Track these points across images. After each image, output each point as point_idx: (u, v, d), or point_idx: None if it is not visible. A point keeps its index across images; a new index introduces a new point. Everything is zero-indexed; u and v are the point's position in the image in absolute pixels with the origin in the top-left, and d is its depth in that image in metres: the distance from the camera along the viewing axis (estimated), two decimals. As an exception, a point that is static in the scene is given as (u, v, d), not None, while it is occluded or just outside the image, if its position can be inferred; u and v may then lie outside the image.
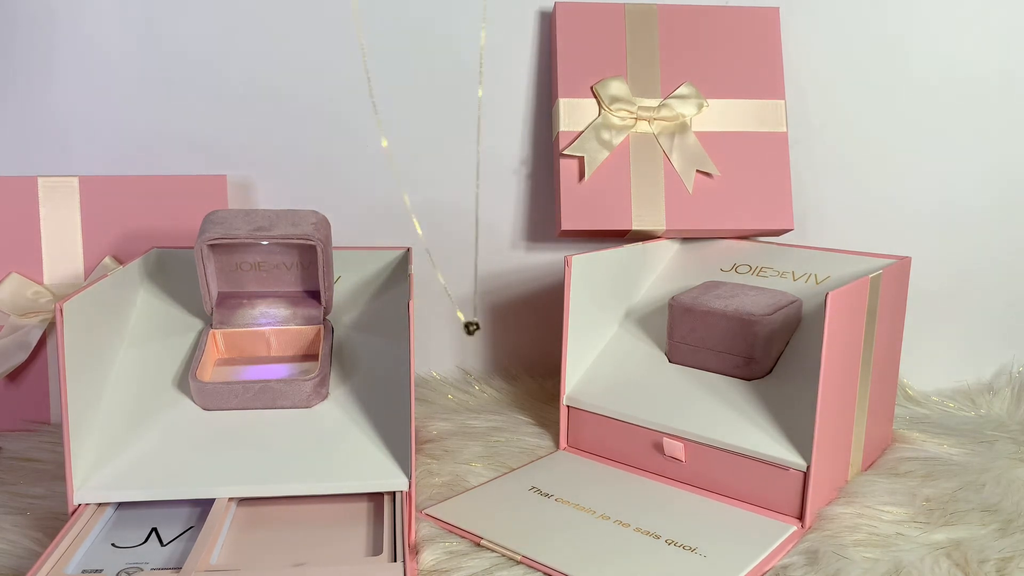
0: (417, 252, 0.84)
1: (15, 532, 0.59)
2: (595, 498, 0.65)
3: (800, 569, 0.55)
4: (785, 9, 0.87)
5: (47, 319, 0.78)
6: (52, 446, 0.73)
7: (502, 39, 0.89)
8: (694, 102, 0.83)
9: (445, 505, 0.64)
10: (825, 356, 0.59)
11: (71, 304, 0.54)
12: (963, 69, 0.88)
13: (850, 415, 0.66)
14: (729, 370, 0.70)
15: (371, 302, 0.73)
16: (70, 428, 0.54)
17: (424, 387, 0.89)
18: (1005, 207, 0.90)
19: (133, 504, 0.57)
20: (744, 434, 0.64)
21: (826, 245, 0.82)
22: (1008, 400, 0.86)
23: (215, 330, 0.67)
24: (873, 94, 0.89)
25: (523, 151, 0.91)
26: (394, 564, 0.51)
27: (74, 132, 0.87)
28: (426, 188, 0.91)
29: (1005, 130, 0.89)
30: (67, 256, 0.80)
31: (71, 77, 0.86)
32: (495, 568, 0.56)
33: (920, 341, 0.85)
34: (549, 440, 0.77)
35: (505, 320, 0.94)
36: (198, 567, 0.49)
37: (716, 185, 0.83)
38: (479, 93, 0.90)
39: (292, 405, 0.62)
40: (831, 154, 0.90)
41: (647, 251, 0.82)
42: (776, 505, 0.63)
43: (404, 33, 0.88)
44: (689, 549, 0.58)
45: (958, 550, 0.57)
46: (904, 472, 0.69)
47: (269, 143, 0.89)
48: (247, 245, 0.66)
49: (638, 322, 0.79)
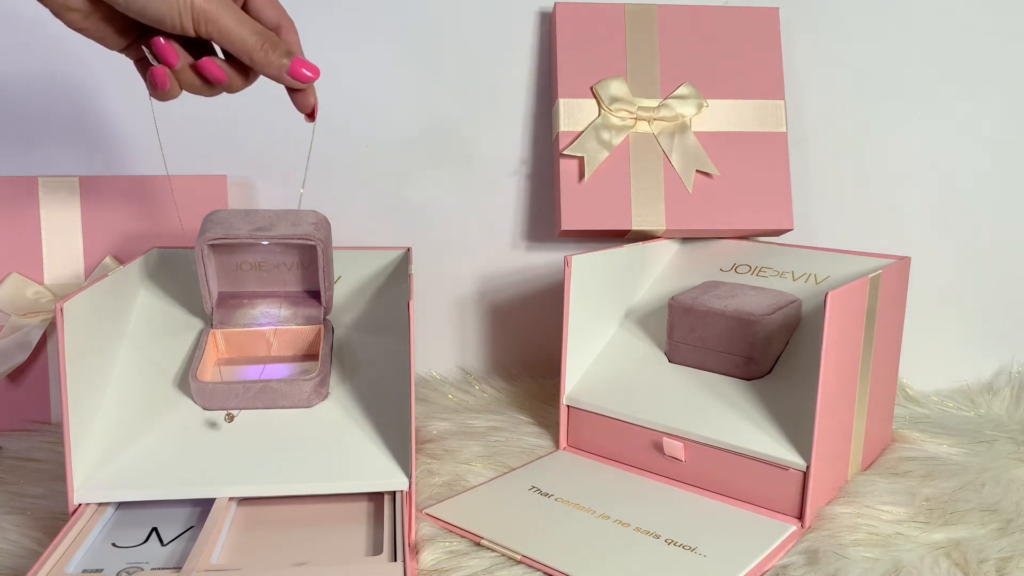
0: (417, 252, 0.84)
1: (15, 532, 0.59)
2: (595, 498, 0.65)
3: (800, 569, 0.55)
4: (785, 9, 0.87)
5: (47, 319, 0.78)
6: (52, 446, 0.73)
7: (502, 39, 0.89)
8: (694, 102, 0.83)
9: (445, 505, 0.64)
10: (825, 356, 0.59)
11: (71, 304, 0.54)
12: (963, 69, 0.88)
13: (850, 415, 0.66)
14: (729, 370, 0.70)
15: (371, 302, 0.73)
16: (70, 428, 0.54)
17: (424, 387, 0.89)
18: (1005, 207, 0.90)
19: (133, 504, 0.57)
20: (744, 434, 0.64)
21: (826, 245, 0.82)
22: (1008, 400, 0.86)
23: (215, 330, 0.67)
24: (873, 94, 0.90)
25: (523, 151, 0.91)
26: (394, 564, 0.51)
27: (74, 132, 0.87)
28: (426, 188, 0.91)
29: (1005, 130, 0.89)
30: (67, 256, 0.80)
31: (71, 77, 0.86)
32: (495, 568, 0.56)
33: (920, 341, 0.85)
34: (549, 440, 0.77)
35: (505, 320, 0.94)
36: (198, 567, 0.49)
37: (716, 185, 0.83)
38: (479, 93, 0.90)
39: (292, 405, 0.62)
40: (831, 154, 0.91)
41: (647, 251, 0.82)
42: (776, 505, 0.63)
43: (404, 33, 0.88)
44: (689, 549, 0.58)
45: (958, 550, 0.57)
46: (904, 472, 0.69)
47: (269, 143, 0.89)
48: (247, 245, 0.66)
49: (638, 322, 0.79)
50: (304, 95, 0.59)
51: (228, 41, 0.53)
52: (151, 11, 0.51)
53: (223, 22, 0.52)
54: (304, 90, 0.58)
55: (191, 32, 0.52)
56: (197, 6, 0.51)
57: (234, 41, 0.53)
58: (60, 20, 0.52)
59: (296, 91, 0.58)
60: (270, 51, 0.54)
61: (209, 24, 0.52)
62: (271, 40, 0.54)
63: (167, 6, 0.50)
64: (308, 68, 0.56)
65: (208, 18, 0.52)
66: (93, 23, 0.53)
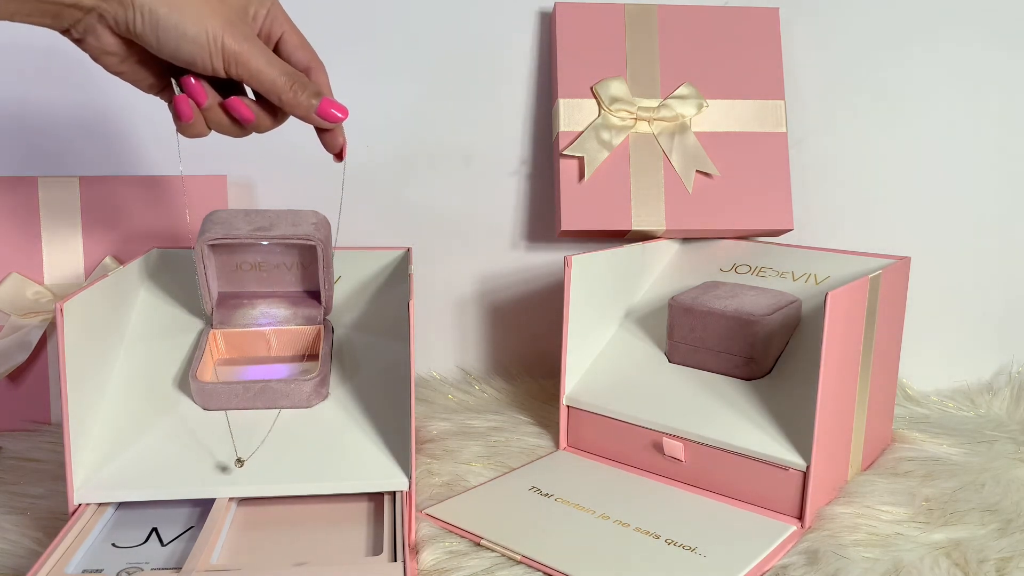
0: (417, 252, 0.84)
1: (15, 532, 0.59)
2: (595, 498, 0.65)
3: (800, 569, 0.55)
4: (785, 9, 0.87)
5: (47, 319, 0.78)
6: (52, 446, 0.73)
7: (502, 39, 0.89)
8: (694, 102, 0.83)
9: (445, 505, 0.64)
10: (825, 356, 0.59)
11: (71, 304, 0.54)
12: (962, 68, 0.88)
13: (850, 415, 0.66)
14: (729, 370, 0.70)
15: (371, 302, 0.73)
16: (70, 428, 0.54)
17: (424, 387, 0.89)
18: (1004, 207, 0.90)
19: (133, 504, 0.57)
20: (744, 434, 0.64)
21: (826, 245, 0.82)
22: (1007, 400, 0.86)
23: (215, 330, 0.67)
24: (873, 94, 0.90)
25: (523, 151, 0.91)
26: (394, 564, 0.51)
27: (74, 132, 0.87)
28: (426, 188, 0.91)
29: (1005, 130, 0.89)
30: (67, 256, 0.80)
31: (72, 77, 0.86)
32: (495, 568, 0.56)
33: (920, 341, 0.85)
34: (549, 440, 0.77)
35: (505, 320, 0.94)
36: (198, 567, 0.49)
37: (716, 185, 0.83)
38: (479, 93, 0.90)
39: (292, 405, 0.62)
40: (831, 154, 0.91)
41: (647, 251, 0.82)
42: (776, 505, 0.63)
43: (404, 33, 0.88)
44: (689, 549, 0.58)
45: (958, 550, 0.57)
46: (904, 472, 0.69)
47: (269, 143, 0.88)
48: (247, 245, 0.66)
49: (638, 322, 0.79)
50: (332, 135, 0.59)
51: (258, 82, 0.54)
52: (183, 53, 0.52)
53: (254, 64, 0.53)
54: (332, 130, 0.59)
55: (222, 73, 0.53)
56: (228, 48, 0.52)
57: (264, 82, 0.54)
58: (99, 64, 0.54)
59: (324, 131, 0.59)
60: (299, 91, 0.55)
61: (240, 66, 0.53)
62: (300, 81, 0.55)
63: (198, 48, 0.51)
64: (337, 108, 0.57)
65: (239, 60, 0.52)
66: (129, 66, 0.54)
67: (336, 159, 0.61)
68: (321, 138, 0.60)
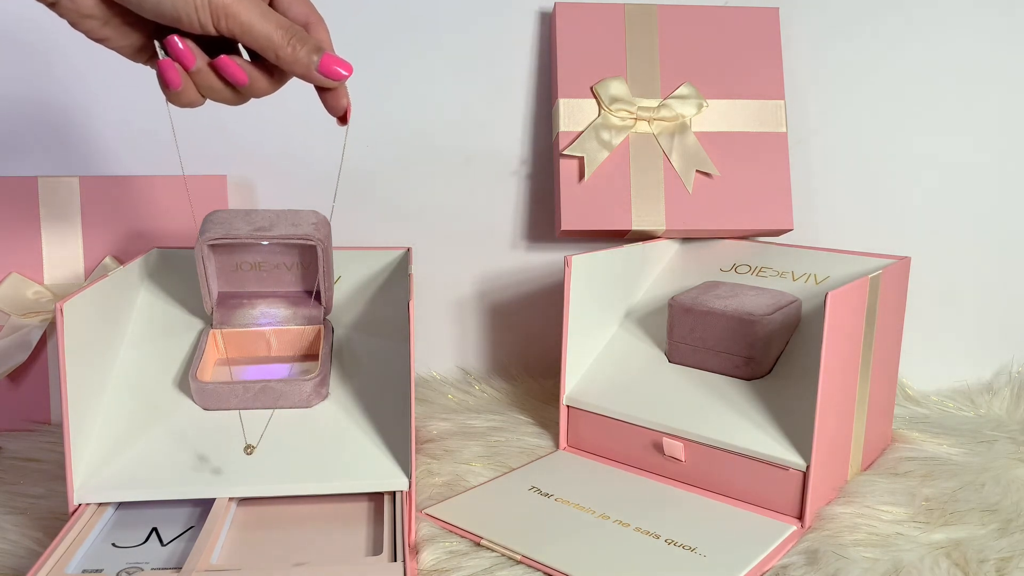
0: (417, 252, 0.84)
1: (15, 532, 0.59)
2: (595, 498, 0.65)
3: (800, 569, 0.55)
4: (785, 9, 0.87)
5: (47, 319, 0.78)
6: (52, 446, 0.73)
7: (502, 39, 0.89)
8: (694, 102, 0.83)
9: (445, 505, 0.64)
10: (825, 356, 0.59)
11: (71, 304, 0.54)
12: (962, 68, 0.88)
13: (850, 415, 0.66)
14: (729, 370, 0.70)
15: (371, 302, 0.73)
16: (70, 428, 0.54)
17: (424, 387, 0.89)
18: (1005, 207, 0.90)
19: (133, 504, 0.57)
20: (744, 434, 0.64)
21: (826, 245, 0.82)
22: (1008, 400, 0.86)
23: (215, 330, 0.67)
24: (872, 94, 0.90)
25: (523, 151, 0.91)
26: (394, 564, 0.51)
27: (74, 132, 0.87)
28: (426, 188, 0.91)
29: (1005, 130, 0.89)
30: (67, 256, 0.80)
31: (72, 76, 0.86)
32: (495, 568, 0.56)
33: (920, 341, 0.85)
34: (549, 440, 0.77)
35: (505, 320, 0.94)
36: (198, 567, 0.49)
37: (716, 185, 0.83)
38: (479, 93, 0.90)
39: (292, 405, 0.62)
40: (831, 154, 0.91)
41: (647, 251, 0.82)
42: (776, 505, 0.63)
43: (404, 32, 0.88)
44: (689, 549, 0.58)
45: (958, 550, 0.57)
46: (904, 472, 0.69)
47: (269, 143, 0.89)
48: (247, 245, 0.66)
49: (638, 322, 0.79)
50: (335, 96, 0.54)
51: (252, 37, 0.49)
52: (166, 8, 0.47)
53: (244, 16, 0.48)
54: (335, 90, 0.53)
55: (211, 29, 0.48)
56: (215, 1, 0.47)
57: (258, 37, 0.49)
58: (79, 31, 0.50)
59: (326, 91, 0.54)
60: (298, 47, 0.50)
61: (229, 19, 0.48)
62: (299, 35, 0.50)
63: (182, 2, 0.47)
64: (340, 65, 0.51)
65: (228, 12, 0.47)
66: (112, 30, 0.50)
67: (340, 122, 0.56)
68: (323, 99, 0.54)
